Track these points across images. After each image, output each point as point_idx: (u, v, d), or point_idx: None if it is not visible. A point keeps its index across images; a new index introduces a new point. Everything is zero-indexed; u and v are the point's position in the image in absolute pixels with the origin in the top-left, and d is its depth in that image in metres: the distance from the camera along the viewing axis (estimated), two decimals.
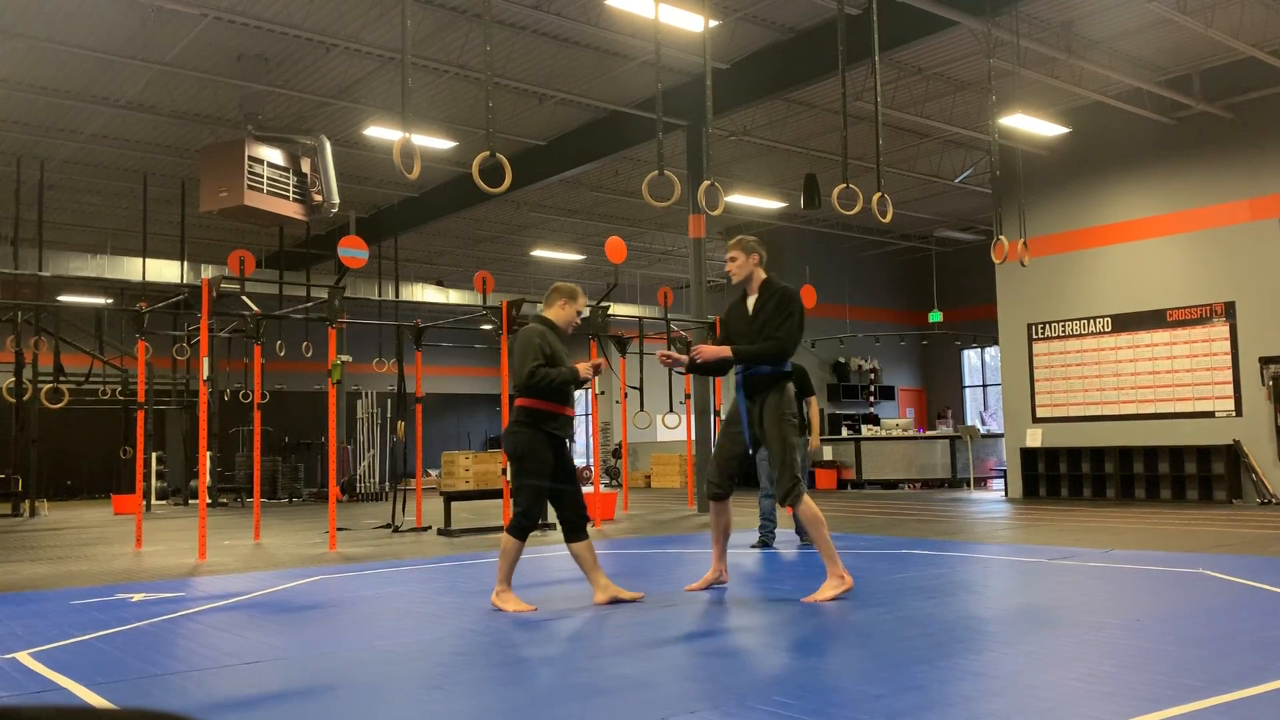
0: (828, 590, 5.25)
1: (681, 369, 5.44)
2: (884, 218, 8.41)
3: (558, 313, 5.46)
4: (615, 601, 5.26)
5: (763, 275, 5.60)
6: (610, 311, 11.76)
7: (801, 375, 8.21)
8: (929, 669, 3.61)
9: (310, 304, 11.44)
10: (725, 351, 5.39)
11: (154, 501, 16.71)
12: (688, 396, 13.70)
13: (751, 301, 5.54)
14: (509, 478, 5.13)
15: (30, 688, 3.68)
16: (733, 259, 5.60)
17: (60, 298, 18.36)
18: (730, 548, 8.31)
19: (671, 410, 12.68)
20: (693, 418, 13.64)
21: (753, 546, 8.25)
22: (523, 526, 5.14)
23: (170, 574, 7.24)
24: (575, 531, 5.26)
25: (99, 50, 11.66)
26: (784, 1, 11.35)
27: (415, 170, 6.16)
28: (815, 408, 8.28)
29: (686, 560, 7.53)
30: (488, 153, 6.34)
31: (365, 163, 16.32)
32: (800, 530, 8.17)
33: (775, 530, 8.26)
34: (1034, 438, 14.79)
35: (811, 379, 8.34)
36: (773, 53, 12.45)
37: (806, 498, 5.37)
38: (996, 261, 10.93)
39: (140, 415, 10.09)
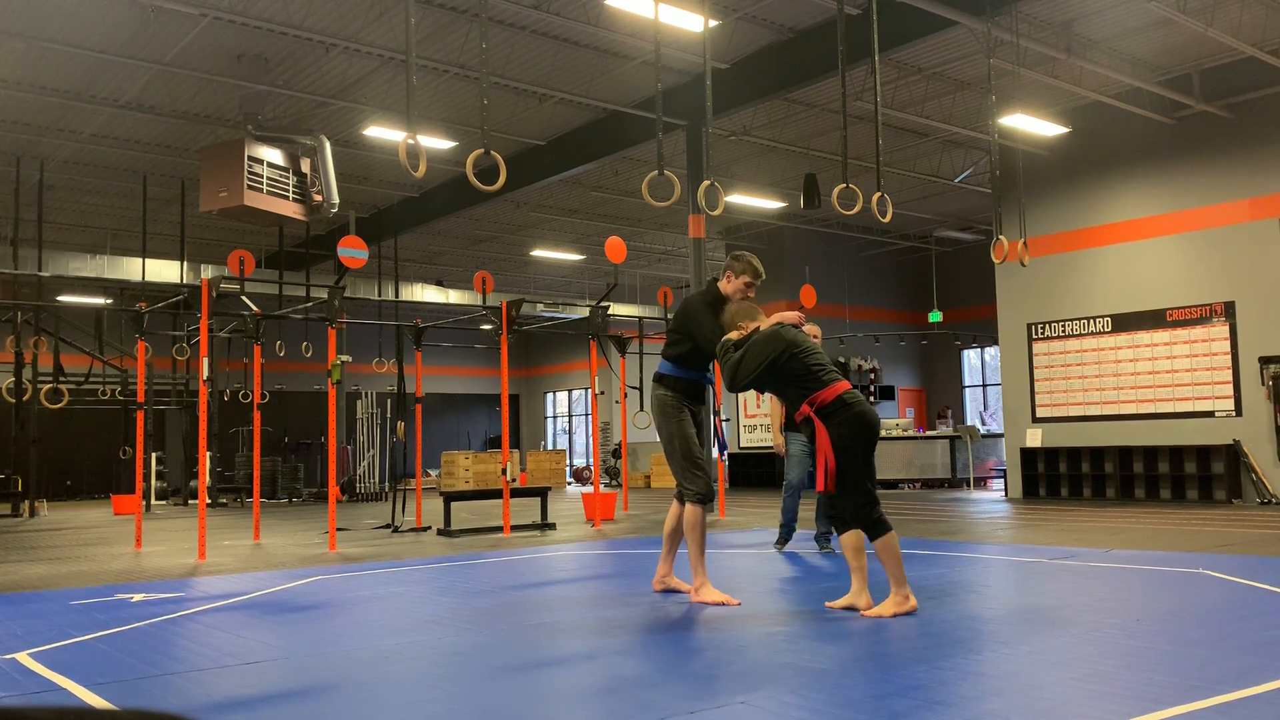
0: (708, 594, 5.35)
1: None
2: (884, 218, 8.42)
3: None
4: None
5: None
6: (610, 311, 11.76)
7: None
8: (929, 669, 3.61)
9: (310, 304, 11.45)
10: None
11: (154, 502, 16.71)
12: None
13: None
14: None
15: (30, 688, 3.68)
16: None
17: (60, 298, 18.39)
18: (750, 547, 8.33)
19: None
20: None
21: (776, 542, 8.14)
22: None
23: (170, 574, 7.24)
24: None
25: (99, 50, 11.66)
26: (784, 1, 11.34)
27: (421, 169, 6.16)
28: None
29: (685, 559, 7.50)
30: (482, 150, 6.34)
31: (365, 163, 16.32)
32: (820, 537, 7.92)
33: (795, 529, 8.12)
34: (1034, 438, 14.79)
35: None
36: (773, 53, 12.45)
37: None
38: (996, 261, 10.93)
39: (140, 415, 10.09)
